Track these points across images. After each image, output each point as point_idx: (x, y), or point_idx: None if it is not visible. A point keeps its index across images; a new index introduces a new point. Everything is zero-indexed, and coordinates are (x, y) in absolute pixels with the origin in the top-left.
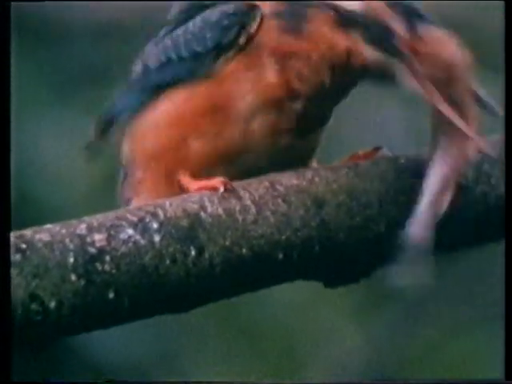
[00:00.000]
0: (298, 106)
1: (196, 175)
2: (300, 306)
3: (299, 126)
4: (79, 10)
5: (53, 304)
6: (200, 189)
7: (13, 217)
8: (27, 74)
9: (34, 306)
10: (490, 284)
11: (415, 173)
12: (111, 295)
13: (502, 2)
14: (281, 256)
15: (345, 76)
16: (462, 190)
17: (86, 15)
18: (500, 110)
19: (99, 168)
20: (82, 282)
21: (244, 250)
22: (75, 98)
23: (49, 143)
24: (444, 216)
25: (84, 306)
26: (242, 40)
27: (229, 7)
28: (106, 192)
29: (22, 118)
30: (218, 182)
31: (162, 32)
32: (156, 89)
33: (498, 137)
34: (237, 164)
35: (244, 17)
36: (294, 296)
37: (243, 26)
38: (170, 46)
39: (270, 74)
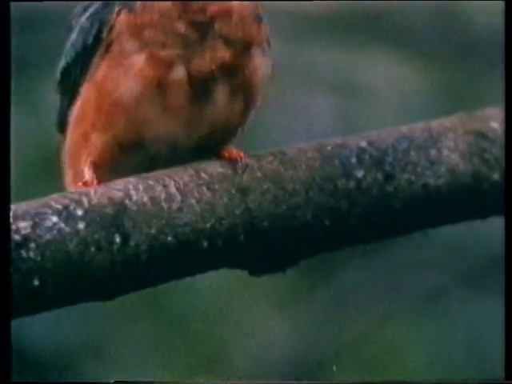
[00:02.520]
0: (177, 73)
1: (102, 167)
2: (227, 293)
3: (194, 92)
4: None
5: None
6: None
7: None
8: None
9: None
10: (418, 272)
11: (341, 160)
12: (36, 282)
13: (502, 2)
14: (206, 244)
15: (199, 15)
16: (387, 179)
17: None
18: None
19: (31, 157)
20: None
21: (169, 238)
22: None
23: None
24: (370, 206)
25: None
26: (104, 34)
27: (92, 8)
28: (34, 176)
29: None
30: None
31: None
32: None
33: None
34: (142, 153)
35: (102, 12)
36: (220, 283)
37: (103, 22)
38: (64, 51)
39: (137, 59)
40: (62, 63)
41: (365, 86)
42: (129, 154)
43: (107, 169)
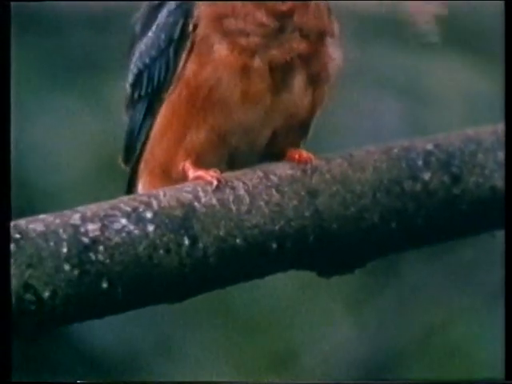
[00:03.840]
0: (258, 62)
1: (196, 162)
2: (296, 294)
3: (273, 80)
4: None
5: (47, 294)
6: (196, 178)
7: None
8: (26, 63)
9: (28, 296)
10: (485, 272)
11: (408, 162)
12: (105, 285)
13: (502, 2)
14: (274, 246)
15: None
16: (454, 181)
17: (81, 5)
18: None
19: (97, 156)
20: (76, 272)
21: (238, 240)
22: (72, 85)
23: (46, 131)
24: (437, 208)
25: (78, 295)
26: (190, 28)
27: (171, 3)
28: (104, 179)
29: (20, 106)
30: (211, 175)
31: (135, 46)
32: (147, 105)
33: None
34: (225, 147)
35: (186, 5)
36: (289, 284)
37: (188, 15)
38: (137, 57)
39: (220, 48)
40: (133, 71)
41: (432, 89)
42: (214, 149)
43: (198, 165)
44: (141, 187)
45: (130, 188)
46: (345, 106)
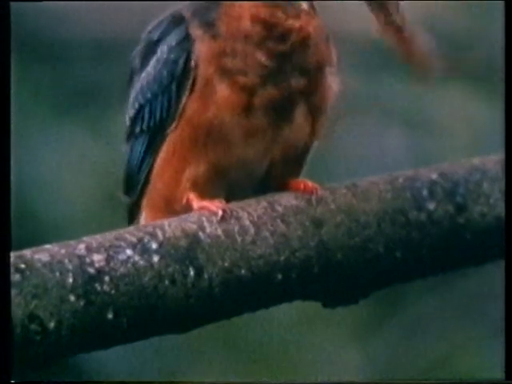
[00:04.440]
0: (258, 99)
1: (200, 193)
2: (301, 324)
3: (274, 115)
4: (78, 28)
5: (52, 324)
6: (201, 209)
7: (12, 234)
8: (27, 91)
9: (33, 326)
10: (490, 303)
11: (413, 192)
12: (110, 316)
13: (502, 2)
14: (280, 277)
15: (280, 45)
16: (459, 210)
17: (85, 34)
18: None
19: (99, 185)
20: (81, 303)
21: (243, 271)
22: (75, 115)
23: (48, 161)
24: (442, 238)
25: (83, 326)
26: (191, 65)
27: (172, 39)
28: (106, 209)
29: (22, 135)
30: (216, 206)
31: (135, 79)
32: (148, 140)
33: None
34: (224, 180)
35: (185, 43)
36: (294, 314)
37: (188, 53)
38: (138, 91)
39: (221, 87)
40: (134, 105)
41: (436, 119)
42: (213, 182)
43: (201, 196)
44: (143, 221)
45: (132, 222)
46: (349, 136)
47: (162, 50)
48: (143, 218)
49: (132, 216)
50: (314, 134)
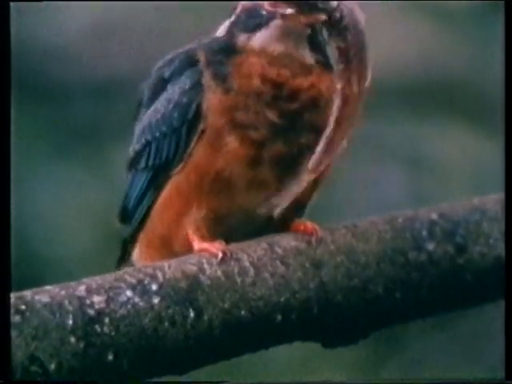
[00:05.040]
0: (267, 153)
1: (200, 235)
2: (299, 366)
3: (281, 169)
4: (78, 68)
5: (52, 366)
6: (201, 250)
7: (12, 274)
8: (27, 131)
9: (33, 368)
10: (489, 342)
11: (413, 232)
12: (110, 357)
13: (502, 2)
14: (279, 318)
15: (290, 104)
16: (458, 251)
17: (84, 73)
18: None
19: (99, 226)
20: (82, 344)
21: (243, 312)
22: (75, 155)
23: (48, 201)
24: (442, 278)
25: (83, 368)
26: (203, 111)
27: (185, 82)
28: (106, 249)
29: (22, 175)
30: (216, 247)
31: (142, 112)
32: (151, 176)
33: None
34: (224, 224)
35: (198, 88)
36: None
37: (201, 99)
38: (146, 126)
39: (230, 139)
40: (140, 139)
41: (436, 159)
42: (212, 226)
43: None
44: (137, 257)
45: (124, 255)
46: (349, 176)
47: (174, 91)
48: (137, 253)
49: (125, 250)
50: (317, 186)
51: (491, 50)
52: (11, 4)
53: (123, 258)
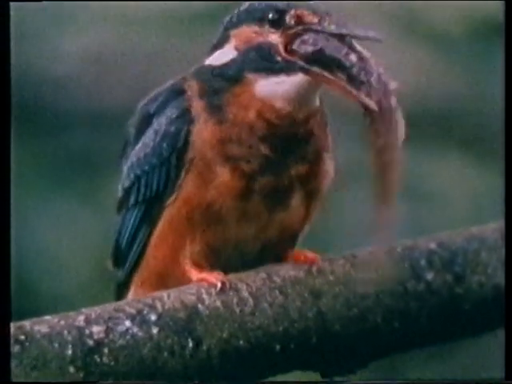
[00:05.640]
0: (258, 185)
1: (198, 266)
2: None
3: (272, 200)
4: (76, 99)
5: None
6: (200, 280)
7: (12, 304)
8: (26, 163)
9: None
10: (489, 371)
11: (411, 262)
12: None
13: (502, 2)
14: (278, 347)
15: (283, 142)
16: (457, 280)
17: (82, 105)
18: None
19: (95, 256)
20: (81, 374)
21: (241, 342)
22: (72, 186)
23: (48, 233)
24: (440, 308)
25: None
26: (192, 138)
27: (171, 111)
28: (105, 280)
29: (21, 208)
30: (215, 278)
31: (129, 150)
32: (143, 212)
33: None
34: (228, 252)
35: (186, 116)
36: None
37: (189, 125)
38: (134, 162)
39: (222, 171)
40: (129, 176)
41: (434, 188)
42: (206, 259)
43: (199, 265)
44: (132, 297)
45: (119, 299)
46: (347, 206)
47: (160, 122)
48: (131, 294)
49: (121, 294)
50: (308, 217)
51: (491, 78)
52: (11, 3)
53: (119, 298)
